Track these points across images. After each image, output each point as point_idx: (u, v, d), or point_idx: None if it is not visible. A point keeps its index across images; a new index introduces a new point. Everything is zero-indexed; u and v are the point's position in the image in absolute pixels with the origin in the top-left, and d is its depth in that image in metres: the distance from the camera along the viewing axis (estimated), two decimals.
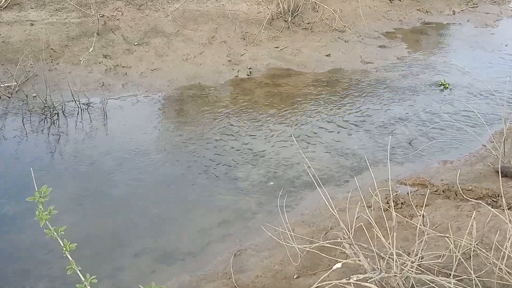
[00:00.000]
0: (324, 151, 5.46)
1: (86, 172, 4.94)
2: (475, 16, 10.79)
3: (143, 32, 7.96)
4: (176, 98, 6.64)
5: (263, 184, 4.85)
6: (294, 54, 8.12)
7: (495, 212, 3.01)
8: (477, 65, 7.98)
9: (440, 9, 10.80)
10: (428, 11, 10.63)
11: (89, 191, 4.66)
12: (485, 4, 11.41)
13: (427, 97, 6.82)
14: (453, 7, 11.05)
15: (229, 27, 8.42)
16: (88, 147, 5.40)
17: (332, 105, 6.50)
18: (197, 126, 5.90)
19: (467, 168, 5.10)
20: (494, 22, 10.55)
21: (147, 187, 4.75)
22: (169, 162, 5.17)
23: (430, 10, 10.69)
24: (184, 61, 7.55)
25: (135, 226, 4.25)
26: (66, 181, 4.79)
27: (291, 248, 3.43)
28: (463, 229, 3.56)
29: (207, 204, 4.55)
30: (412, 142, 5.65)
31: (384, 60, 8.16)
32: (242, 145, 5.51)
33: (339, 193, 4.71)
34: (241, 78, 7.30)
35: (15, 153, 5.27)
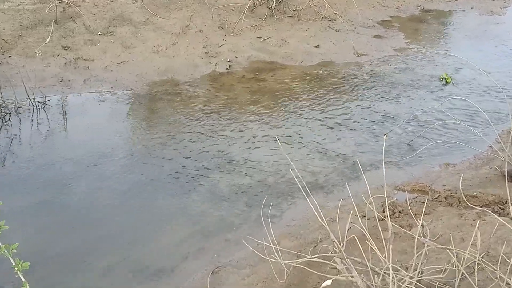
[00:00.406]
0: (313, 154, 5.48)
1: (43, 180, 4.88)
2: (479, 2, 10.98)
3: (108, 20, 7.91)
4: (146, 95, 6.61)
5: (244, 191, 4.85)
6: (279, 45, 8.15)
7: (502, 221, 3.05)
8: (482, 57, 8.11)
9: None
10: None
11: (45, 201, 4.60)
12: None
13: (427, 93, 6.90)
14: None
15: (206, 15, 8.42)
16: (44, 151, 5.34)
17: (322, 103, 6.54)
18: (169, 126, 5.87)
19: (471, 172, 5.17)
20: (501, 9, 10.75)
21: (112, 196, 4.71)
22: (137, 167, 5.13)
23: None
24: (155, 53, 7.53)
25: (100, 241, 4.21)
26: (19, 191, 4.72)
27: (276, 263, 3.43)
28: (467, 240, 3.60)
29: (181, 215, 4.52)
30: (411, 143, 5.71)
31: (380, 52, 8.25)
32: (221, 148, 5.50)
33: (330, 201, 4.73)
34: (219, 72, 7.31)
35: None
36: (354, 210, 3.40)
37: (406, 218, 4.30)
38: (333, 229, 3.61)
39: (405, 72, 7.51)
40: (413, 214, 3.99)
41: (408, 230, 3.95)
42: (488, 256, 3.29)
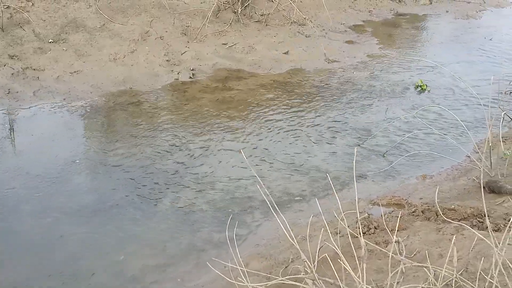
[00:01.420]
0: (283, 168, 5.50)
1: None
2: (454, 6, 11.27)
3: (60, 27, 7.82)
4: (102, 107, 6.54)
5: (209, 209, 4.83)
6: (245, 52, 8.19)
7: (480, 235, 3.11)
8: (458, 63, 8.31)
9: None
10: (402, 1, 11.03)
11: None
12: None
13: (402, 101, 7.03)
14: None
15: (167, 20, 8.41)
16: None
17: (292, 113, 6.59)
18: (128, 141, 5.82)
19: (449, 183, 5.27)
20: (477, 13, 11.06)
21: (62, 218, 4.62)
22: (92, 187, 5.06)
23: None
24: (112, 62, 7.47)
25: (48, 268, 4.12)
26: None
27: (244, 286, 3.42)
28: (445, 256, 3.65)
29: (141, 237, 4.47)
30: (386, 154, 5.79)
31: (352, 58, 8.37)
32: (184, 164, 5.48)
33: (302, 218, 4.75)
34: (182, 82, 7.29)
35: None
36: (325, 227, 3.42)
37: (382, 234, 4.34)
38: (304, 248, 3.62)
39: (379, 79, 7.64)
40: (389, 229, 4.03)
41: (384, 246, 3.99)
42: (467, 272, 3.35)
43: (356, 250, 3.34)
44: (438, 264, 3.36)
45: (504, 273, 2.88)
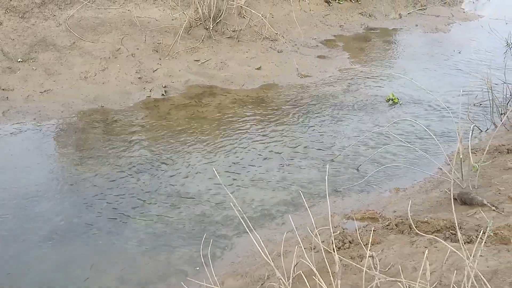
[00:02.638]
0: (257, 184, 5.51)
1: None
2: (424, 19, 11.49)
3: (29, 46, 7.75)
4: (73, 126, 6.48)
5: (182, 228, 4.81)
6: (218, 68, 8.22)
7: (452, 248, 3.16)
8: (428, 76, 8.46)
9: (385, 12, 11.42)
10: (372, 15, 11.20)
11: None
12: (434, 6, 12.21)
13: (374, 114, 7.11)
14: (399, 9, 11.72)
15: (138, 37, 8.40)
16: None
17: (265, 128, 6.62)
18: (99, 161, 5.77)
19: (422, 196, 5.34)
20: (445, 26, 11.30)
21: (30, 244, 4.55)
22: (62, 206, 5.00)
23: (374, 13, 11.27)
24: (82, 80, 7.43)
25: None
26: None
27: None
28: (419, 269, 3.70)
29: (111, 260, 4.42)
30: (360, 168, 5.85)
31: (324, 72, 8.46)
32: (157, 182, 5.45)
33: (277, 234, 4.76)
34: (154, 99, 7.28)
35: None
36: (299, 244, 3.44)
37: (356, 248, 4.38)
38: (280, 265, 3.63)
39: (351, 93, 7.73)
40: (363, 244, 4.07)
41: (359, 261, 4.02)
42: (441, 285, 3.39)
43: (331, 266, 3.36)
44: (412, 278, 3.41)
45: (476, 285, 2.93)
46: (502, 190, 4.92)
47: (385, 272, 3.72)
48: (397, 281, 3.04)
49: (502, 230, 4.05)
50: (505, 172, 5.40)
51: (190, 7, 9.01)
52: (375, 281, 3.12)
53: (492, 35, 9.65)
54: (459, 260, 3.52)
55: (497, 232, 4.00)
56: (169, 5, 9.20)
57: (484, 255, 3.58)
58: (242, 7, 9.46)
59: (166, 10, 9.12)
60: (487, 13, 12.21)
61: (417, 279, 3.02)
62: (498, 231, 4.01)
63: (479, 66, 8.80)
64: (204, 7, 8.81)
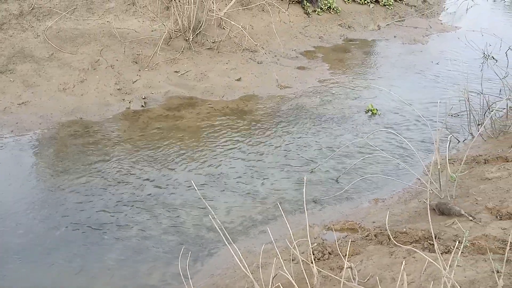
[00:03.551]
0: (236, 196, 5.50)
1: None
2: (402, 31, 11.64)
3: (7, 57, 7.68)
4: (52, 138, 6.42)
5: (161, 241, 4.78)
6: (198, 79, 8.22)
7: (429, 259, 3.19)
8: (406, 87, 8.55)
9: (363, 24, 11.54)
10: (351, 26, 11.31)
11: None
12: (412, 18, 12.37)
13: (353, 125, 7.16)
14: (377, 21, 11.86)
15: (117, 49, 8.37)
16: None
17: (245, 140, 6.62)
18: (78, 173, 5.72)
19: (400, 206, 5.37)
20: (423, 38, 11.44)
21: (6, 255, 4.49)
22: (40, 222, 4.94)
23: (353, 25, 11.39)
24: (61, 92, 7.37)
25: None
26: None
27: None
28: (397, 280, 3.72)
29: (89, 274, 4.38)
30: (339, 179, 5.88)
31: (304, 83, 8.50)
32: (136, 194, 5.42)
33: (257, 246, 4.75)
34: (134, 111, 7.24)
35: None
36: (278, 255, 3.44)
37: (336, 259, 4.38)
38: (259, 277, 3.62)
39: (331, 104, 7.77)
40: (342, 255, 4.08)
41: (338, 272, 4.03)
42: None
43: (309, 278, 3.37)
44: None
45: None
46: (479, 200, 4.98)
47: (364, 283, 3.73)
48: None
49: (479, 240, 4.10)
50: (482, 182, 5.46)
51: (169, 19, 9.02)
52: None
53: (469, 47, 9.79)
54: (437, 270, 3.55)
55: (474, 242, 4.04)
56: (149, 16, 9.19)
57: (462, 265, 3.61)
58: (221, 19, 9.49)
59: (145, 21, 9.11)
60: (464, 25, 12.42)
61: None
62: (475, 241, 4.05)
63: (456, 77, 8.93)
64: (183, 19, 8.82)
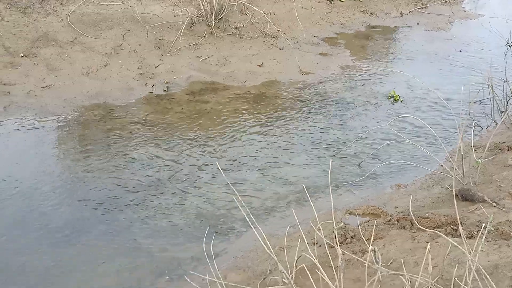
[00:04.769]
0: (260, 180, 5.54)
1: None
2: (425, 18, 11.50)
3: (31, 41, 7.76)
4: (75, 121, 6.50)
5: (186, 223, 4.83)
6: (220, 65, 8.24)
7: (454, 242, 3.19)
8: (429, 74, 8.48)
9: (386, 11, 11.43)
10: (373, 13, 11.21)
11: None
12: (435, 5, 12.22)
13: (375, 111, 7.14)
14: (400, 8, 11.74)
15: (140, 33, 8.42)
16: None
17: (267, 125, 6.64)
18: (101, 156, 5.79)
19: (423, 192, 5.37)
20: (446, 25, 11.31)
21: (35, 238, 4.57)
22: (65, 204, 5.02)
23: (375, 11, 11.29)
24: (84, 76, 7.44)
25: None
26: None
27: None
28: (421, 264, 3.72)
29: (116, 253, 4.45)
30: (361, 164, 5.88)
31: (326, 70, 8.48)
32: (159, 177, 5.47)
33: (280, 229, 4.78)
34: (156, 95, 7.29)
35: None
36: (303, 238, 3.46)
37: (358, 243, 4.40)
38: (282, 259, 3.65)
39: (353, 91, 7.75)
40: (365, 239, 4.10)
41: (361, 256, 4.05)
42: (443, 279, 3.42)
43: (333, 260, 3.39)
44: (413, 272, 3.43)
45: (477, 279, 2.96)
46: (502, 186, 4.96)
47: (387, 266, 3.75)
48: (399, 274, 3.07)
49: (502, 225, 4.09)
50: (506, 169, 5.44)
51: (192, 4, 9.03)
52: (377, 275, 3.14)
53: (493, 34, 9.67)
54: (460, 255, 3.55)
55: (497, 227, 4.03)
56: (171, 1, 9.22)
57: (485, 250, 3.61)
58: (244, 4, 9.47)
59: (168, 6, 9.13)
60: (487, 12, 12.23)
61: (418, 273, 3.05)
62: (499, 227, 4.05)
63: (479, 64, 8.84)
64: (206, 4, 8.82)
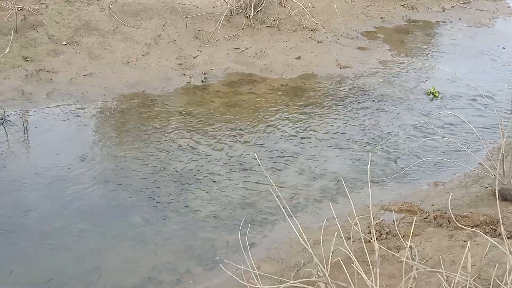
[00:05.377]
0: (295, 173, 5.53)
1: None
2: (467, 13, 11.27)
3: (73, 30, 7.91)
4: (114, 110, 6.60)
5: (222, 213, 4.86)
6: (258, 57, 8.24)
7: (494, 242, 3.13)
8: (470, 71, 8.32)
9: (427, 5, 11.24)
10: (414, 7, 11.04)
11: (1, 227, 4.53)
12: (478, 0, 11.94)
13: (414, 107, 7.04)
14: (442, 2, 11.52)
15: (179, 24, 8.48)
16: (2, 172, 5.27)
17: (304, 118, 6.62)
18: (140, 145, 5.86)
19: (461, 190, 5.28)
20: (490, 21, 11.05)
21: (76, 222, 4.67)
22: (103, 190, 5.11)
23: (416, 6, 11.11)
24: (124, 65, 7.54)
25: (61, 270, 4.17)
26: None
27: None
28: (457, 263, 3.67)
29: (153, 239, 4.51)
30: (398, 160, 5.81)
31: (364, 64, 8.40)
32: (196, 168, 5.51)
33: (314, 223, 4.78)
34: (194, 86, 7.35)
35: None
36: (339, 231, 3.45)
37: (393, 239, 4.36)
38: (317, 252, 3.64)
39: (391, 85, 7.66)
40: (401, 235, 4.05)
41: (396, 252, 4.01)
42: (480, 279, 3.36)
43: (369, 255, 3.36)
44: (450, 270, 3.38)
45: None
46: None
47: (423, 264, 3.70)
48: (437, 272, 3.03)
49: None
50: None
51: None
52: (413, 271, 3.11)
53: None
54: (500, 255, 3.47)
55: None
56: None
57: None
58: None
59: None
60: None
61: (455, 272, 3.00)
62: None
63: None
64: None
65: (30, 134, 5.96)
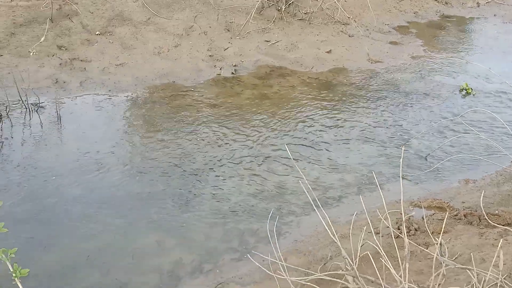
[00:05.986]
0: (324, 166, 5.51)
1: (32, 191, 4.90)
2: (503, 9, 11.03)
3: (107, 20, 7.99)
4: (146, 100, 6.66)
5: (250, 204, 4.88)
6: (288, 50, 8.22)
7: None
8: (504, 67, 8.16)
9: (462, 0, 11.04)
10: (448, 2, 10.86)
11: (33, 217, 4.60)
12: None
13: (446, 104, 6.95)
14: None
15: (211, 16, 8.50)
16: (37, 158, 5.38)
17: (334, 112, 6.59)
18: (170, 135, 5.92)
19: (493, 189, 5.20)
20: None
21: (106, 210, 4.74)
22: (134, 179, 5.17)
23: (450, 1, 10.93)
24: (156, 55, 7.60)
25: (90, 257, 4.24)
26: (4, 199, 4.72)
27: (283, 280, 3.45)
28: (488, 261, 3.63)
29: (182, 229, 4.55)
30: (428, 157, 5.74)
31: (396, 59, 8.30)
32: (225, 159, 5.54)
33: (342, 217, 4.76)
34: (224, 77, 7.37)
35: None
36: (368, 226, 3.43)
37: (422, 236, 4.33)
38: (344, 246, 3.63)
39: (423, 81, 7.56)
40: (430, 232, 4.01)
41: (425, 248, 3.97)
42: (511, 277, 3.31)
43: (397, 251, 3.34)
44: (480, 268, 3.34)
45: None
46: None
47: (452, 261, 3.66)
48: (468, 269, 2.99)
49: None
50: None
51: None
52: (442, 268, 3.07)
53: None
54: None
55: None
56: None
57: None
58: None
59: None
60: None
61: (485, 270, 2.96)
62: None
63: None
64: None
65: (63, 121, 6.05)
